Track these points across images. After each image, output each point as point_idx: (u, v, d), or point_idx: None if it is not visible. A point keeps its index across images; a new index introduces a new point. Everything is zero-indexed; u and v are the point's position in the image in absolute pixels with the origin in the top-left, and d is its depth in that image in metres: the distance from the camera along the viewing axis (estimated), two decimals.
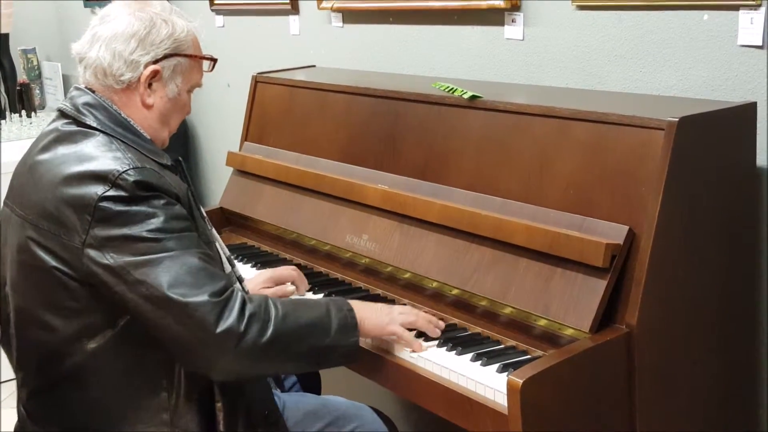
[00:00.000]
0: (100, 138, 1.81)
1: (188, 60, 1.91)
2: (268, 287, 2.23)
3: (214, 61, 2.00)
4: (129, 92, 1.87)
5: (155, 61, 1.86)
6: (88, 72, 1.87)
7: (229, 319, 1.69)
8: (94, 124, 1.83)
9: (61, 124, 1.87)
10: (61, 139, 1.83)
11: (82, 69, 1.89)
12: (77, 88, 1.90)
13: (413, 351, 1.91)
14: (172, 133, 1.98)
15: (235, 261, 2.52)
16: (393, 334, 1.93)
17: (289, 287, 2.25)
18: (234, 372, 1.75)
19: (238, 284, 1.96)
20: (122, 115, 1.86)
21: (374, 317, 1.91)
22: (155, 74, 1.87)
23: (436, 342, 1.95)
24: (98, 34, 1.86)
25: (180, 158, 1.99)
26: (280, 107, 2.84)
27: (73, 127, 1.84)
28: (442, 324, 1.99)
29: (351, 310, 1.86)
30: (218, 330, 1.67)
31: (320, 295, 2.24)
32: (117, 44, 1.84)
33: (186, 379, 1.81)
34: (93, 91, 1.87)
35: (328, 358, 1.84)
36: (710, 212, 1.88)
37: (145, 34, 1.85)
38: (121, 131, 1.83)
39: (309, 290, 2.28)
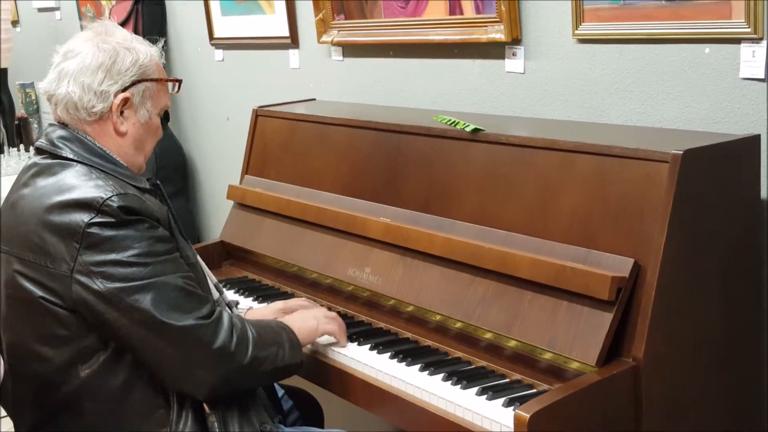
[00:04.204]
0: (78, 168, 1.84)
1: (155, 84, 1.95)
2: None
3: (179, 82, 2.05)
4: (101, 123, 1.90)
5: (124, 89, 1.89)
6: (59, 108, 1.90)
7: (223, 339, 1.79)
8: (71, 156, 1.86)
9: (39, 159, 1.90)
10: (40, 172, 1.87)
11: (53, 106, 1.92)
12: (51, 125, 1.94)
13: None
14: (147, 158, 2.01)
15: (237, 295, 2.53)
16: (325, 332, 2.09)
17: None
18: (218, 390, 1.82)
19: (226, 307, 2.02)
20: (97, 145, 1.89)
21: (305, 326, 2.04)
22: (126, 101, 1.90)
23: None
24: (65, 69, 1.89)
25: (158, 182, 2.04)
26: (280, 141, 2.84)
27: (51, 160, 1.87)
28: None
29: (291, 330, 1.98)
30: (214, 347, 1.77)
31: None
32: (85, 77, 1.87)
33: (180, 394, 1.83)
34: (66, 125, 1.91)
35: (283, 374, 1.97)
36: (715, 244, 1.88)
37: (110, 63, 1.88)
38: (99, 160, 1.87)
39: None
